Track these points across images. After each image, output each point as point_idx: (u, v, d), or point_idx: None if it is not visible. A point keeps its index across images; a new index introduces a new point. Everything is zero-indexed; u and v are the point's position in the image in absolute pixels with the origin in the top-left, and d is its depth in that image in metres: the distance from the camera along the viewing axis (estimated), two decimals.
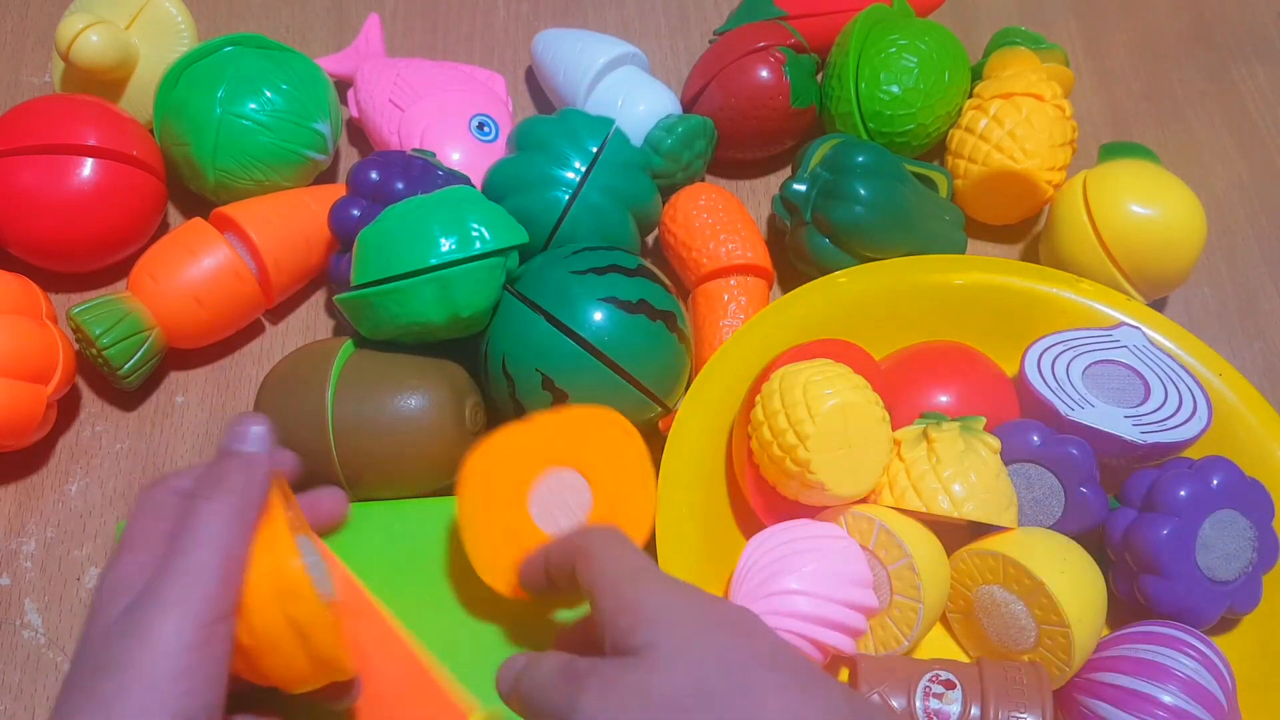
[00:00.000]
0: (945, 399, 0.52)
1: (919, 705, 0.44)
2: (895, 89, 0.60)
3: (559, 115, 0.56)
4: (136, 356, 0.53)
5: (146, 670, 0.33)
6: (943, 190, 0.61)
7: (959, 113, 0.62)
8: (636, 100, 0.61)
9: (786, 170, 0.66)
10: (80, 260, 0.58)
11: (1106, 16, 0.75)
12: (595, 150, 0.54)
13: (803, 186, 0.57)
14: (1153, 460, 0.51)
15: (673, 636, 0.33)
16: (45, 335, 0.51)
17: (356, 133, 0.67)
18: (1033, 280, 0.57)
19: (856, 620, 0.46)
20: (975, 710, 0.44)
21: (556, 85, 0.64)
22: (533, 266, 0.51)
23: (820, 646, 0.45)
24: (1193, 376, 0.52)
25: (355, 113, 0.64)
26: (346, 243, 0.54)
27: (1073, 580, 0.46)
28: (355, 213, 0.54)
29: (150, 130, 0.59)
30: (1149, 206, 0.56)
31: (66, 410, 0.56)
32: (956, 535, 0.50)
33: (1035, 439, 0.49)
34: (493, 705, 0.40)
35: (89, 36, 0.56)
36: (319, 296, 0.61)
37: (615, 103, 0.61)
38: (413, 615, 0.43)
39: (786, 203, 0.58)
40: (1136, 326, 0.55)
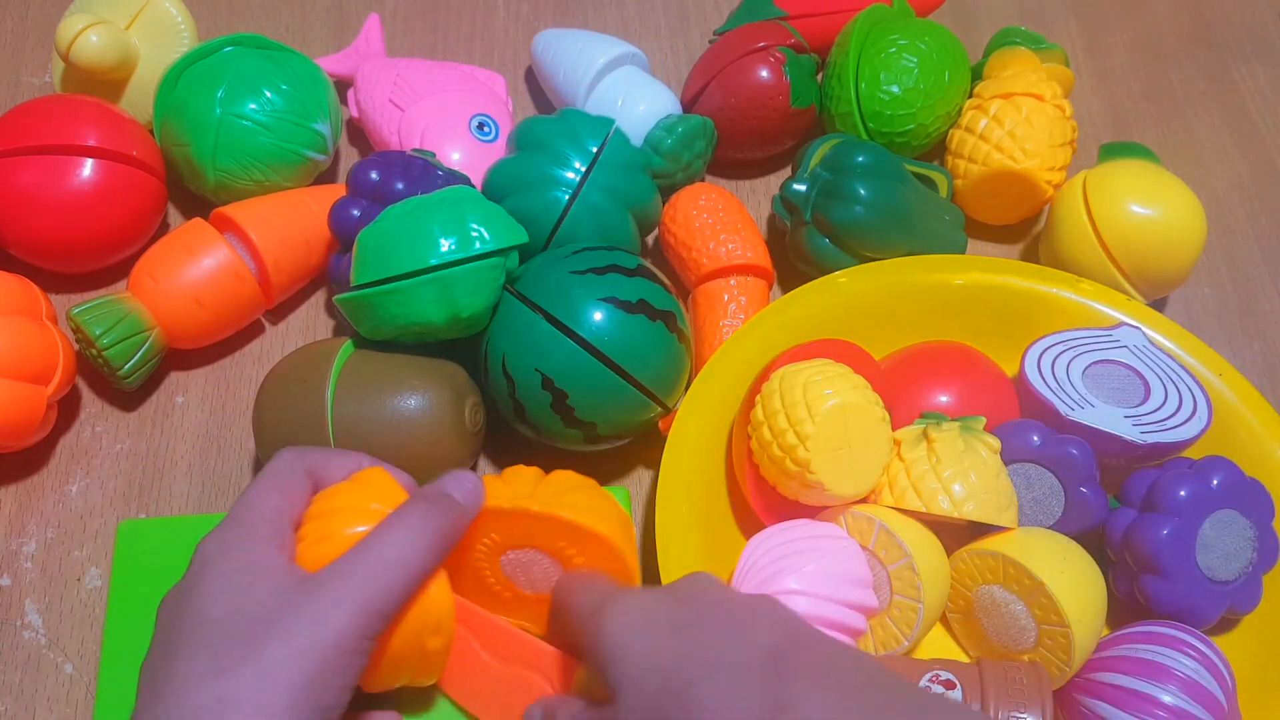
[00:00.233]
0: (945, 399, 0.52)
1: None
2: (895, 89, 0.60)
3: (559, 115, 0.56)
4: (136, 357, 0.53)
5: (309, 649, 0.34)
6: (943, 190, 0.61)
7: (959, 113, 0.62)
8: (636, 100, 0.61)
9: (786, 170, 0.66)
10: (80, 260, 0.58)
11: (1106, 16, 0.75)
12: (595, 150, 0.54)
13: (803, 186, 0.57)
14: (1153, 460, 0.51)
15: (629, 671, 0.34)
16: (45, 336, 0.51)
17: (356, 133, 0.67)
18: (1033, 280, 0.57)
19: (856, 620, 0.46)
20: (975, 710, 0.44)
21: (556, 85, 0.64)
22: (532, 266, 0.51)
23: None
24: (1193, 376, 0.52)
25: (355, 113, 0.64)
26: (346, 243, 0.54)
27: (1073, 580, 0.46)
28: (355, 213, 0.54)
29: (150, 130, 0.60)
30: (1149, 206, 0.56)
31: (67, 411, 0.56)
32: (956, 535, 0.50)
33: (1035, 439, 0.49)
34: None
35: (89, 36, 0.56)
36: (319, 296, 0.61)
37: (615, 103, 0.61)
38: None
39: (786, 203, 0.58)
40: (1136, 326, 0.55)
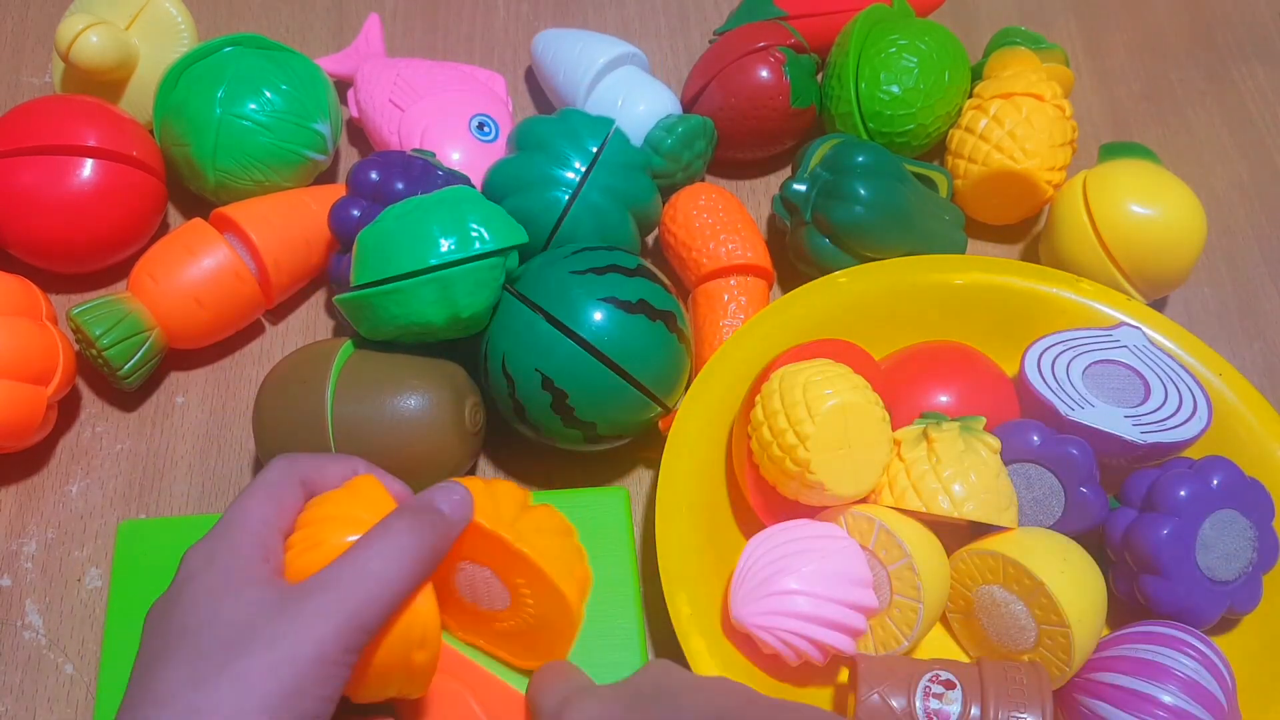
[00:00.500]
0: (945, 399, 0.52)
1: (919, 705, 0.44)
2: (895, 89, 0.60)
3: (559, 115, 0.56)
4: (136, 357, 0.53)
5: (289, 660, 0.34)
6: (943, 190, 0.61)
7: (959, 113, 0.62)
8: (636, 100, 0.61)
9: (786, 170, 0.66)
10: (80, 260, 0.58)
11: (1106, 16, 0.75)
12: (595, 150, 0.54)
13: (803, 186, 0.57)
14: (1153, 460, 0.51)
15: None
16: (45, 336, 0.51)
17: (356, 133, 0.67)
18: (1033, 280, 0.57)
19: (856, 620, 0.46)
20: (975, 710, 0.44)
21: (556, 85, 0.64)
22: (532, 266, 0.51)
23: (820, 646, 0.46)
24: (1193, 376, 0.52)
25: (355, 113, 0.64)
26: (346, 243, 0.54)
27: (1073, 580, 0.46)
28: (355, 213, 0.54)
29: (150, 130, 0.60)
30: (1149, 206, 0.56)
31: (67, 411, 0.56)
32: (956, 535, 0.50)
33: (1035, 439, 0.49)
34: None
35: (89, 37, 0.56)
36: (319, 296, 0.61)
37: (615, 103, 0.61)
38: None
39: (786, 203, 0.58)
40: (1136, 326, 0.55)
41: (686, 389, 0.52)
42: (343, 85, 0.66)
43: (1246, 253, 0.65)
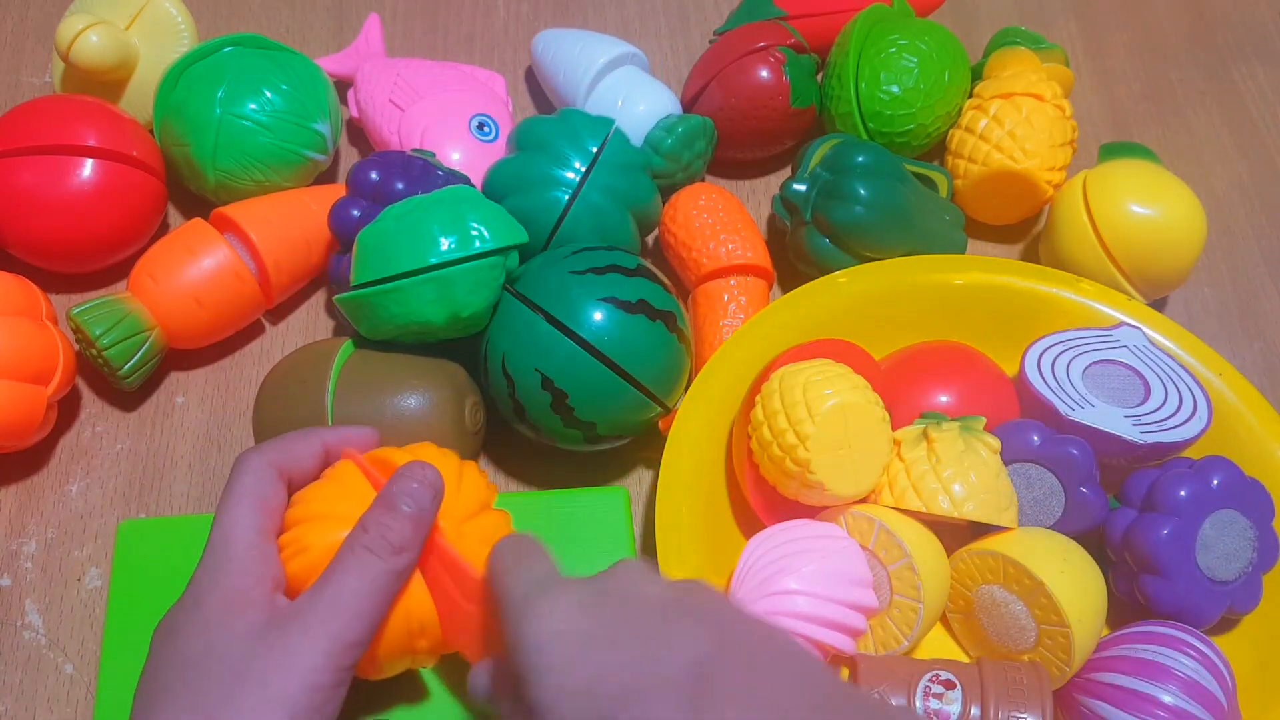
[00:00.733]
0: (945, 399, 0.52)
1: (919, 705, 0.44)
2: (895, 89, 0.60)
3: (559, 115, 0.56)
4: (136, 357, 0.53)
5: (283, 694, 0.35)
6: (943, 190, 0.61)
7: (959, 113, 0.62)
8: (636, 100, 0.61)
9: (786, 170, 0.66)
10: (80, 260, 0.58)
11: (1106, 16, 0.75)
12: (595, 150, 0.54)
13: (803, 186, 0.57)
14: (1153, 460, 0.51)
15: (544, 696, 0.31)
16: (45, 336, 0.51)
17: (356, 133, 0.67)
18: (1033, 280, 0.57)
19: (856, 620, 0.46)
20: (975, 710, 0.44)
21: (556, 85, 0.64)
22: (532, 266, 0.51)
23: (820, 646, 0.46)
24: (1193, 376, 0.52)
25: (355, 113, 0.64)
26: (346, 243, 0.54)
27: (1073, 580, 0.46)
28: (355, 213, 0.54)
29: (150, 130, 0.59)
30: (1149, 206, 0.56)
31: (67, 411, 0.56)
32: (956, 535, 0.50)
33: (1035, 439, 0.49)
34: None
35: (89, 37, 0.56)
36: (319, 296, 0.61)
37: (615, 103, 0.61)
38: None
39: (786, 203, 0.58)
40: (1136, 326, 0.55)
41: (686, 389, 0.52)
42: (343, 85, 0.66)
43: (1246, 253, 0.65)
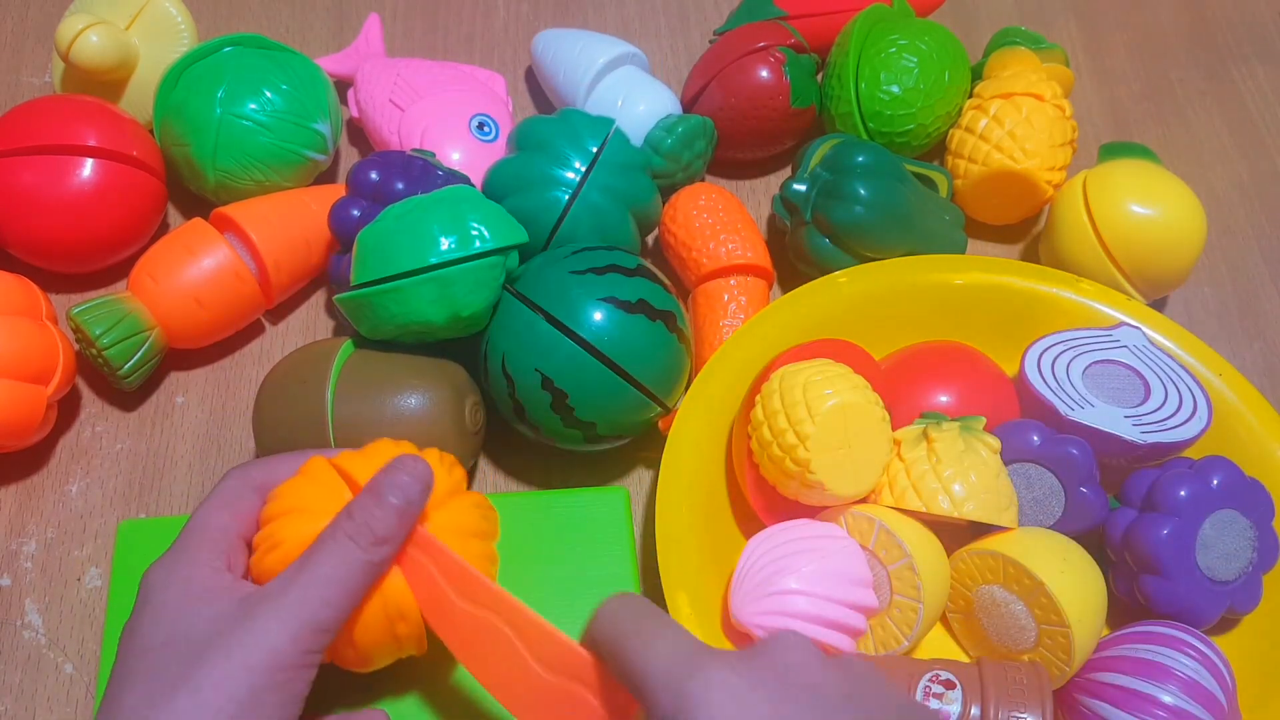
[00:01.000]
0: (945, 399, 0.52)
1: None
2: (895, 89, 0.60)
3: (559, 115, 0.56)
4: (136, 357, 0.53)
5: (244, 668, 0.34)
6: (943, 190, 0.61)
7: (959, 113, 0.62)
8: (636, 100, 0.61)
9: (786, 170, 0.66)
10: (80, 260, 0.58)
11: (1106, 16, 0.75)
12: (595, 150, 0.54)
13: (803, 186, 0.57)
14: (1153, 460, 0.51)
15: None
16: (45, 336, 0.51)
17: (356, 133, 0.67)
18: (1033, 280, 0.57)
19: (856, 620, 0.46)
20: (975, 710, 0.44)
21: (556, 85, 0.64)
22: (532, 266, 0.51)
23: (820, 646, 0.45)
24: (1193, 376, 0.52)
25: (355, 113, 0.64)
26: (346, 243, 0.54)
27: (1073, 580, 0.46)
28: (355, 213, 0.54)
29: (150, 130, 0.60)
30: (1149, 206, 0.56)
31: (66, 411, 0.56)
32: (956, 535, 0.50)
33: (1035, 439, 0.50)
34: None
35: (89, 37, 0.56)
36: (319, 296, 0.61)
37: (615, 103, 0.61)
38: None
39: (786, 203, 0.58)
40: (1136, 326, 0.55)
41: (686, 389, 0.52)
42: (343, 85, 0.66)
43: (1246, 253, 0.65)
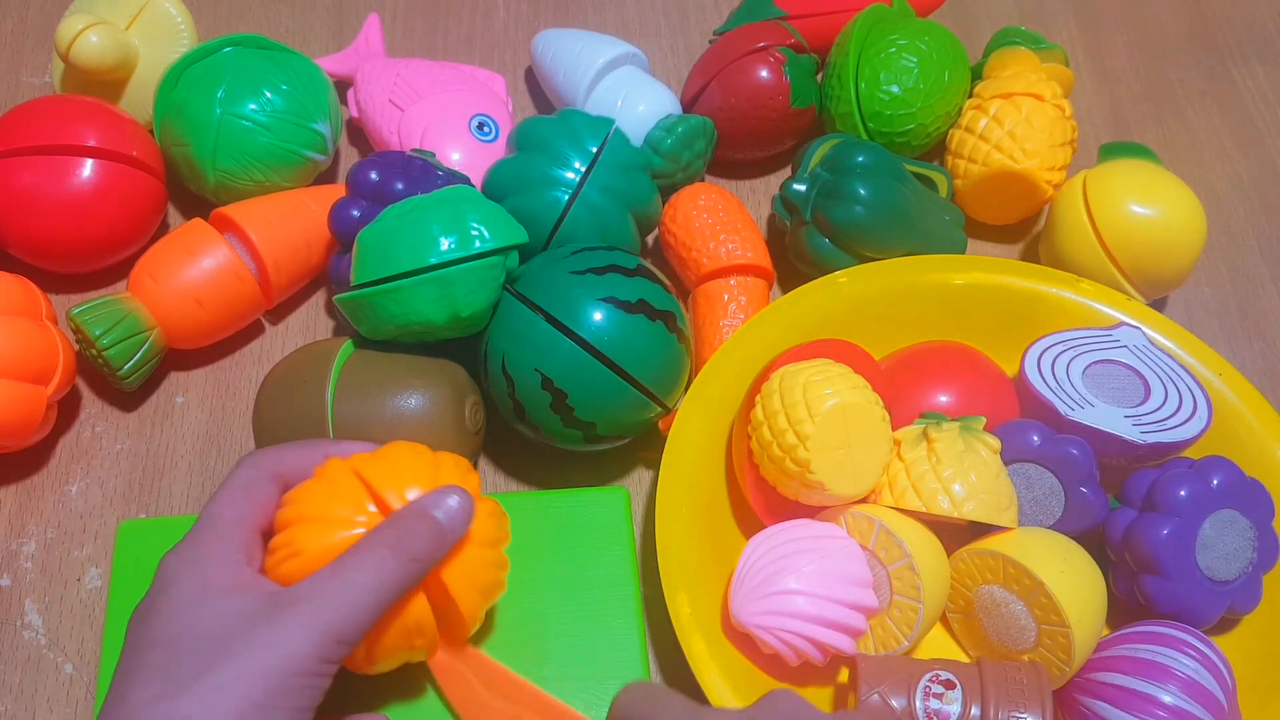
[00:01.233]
0: (945, 399, 0.52)
1: (919, 705, 0.44)
2: (895, 89, 0.60)
3: (559, 115, 0.56)
4: (136, 357, 0.53)
5: (263, 670, 0.34)
6: (943, 190, 0.61)
7: (959, 113, 0.62)
8: (636, 100, 0.61)
9: (786, 170, 0.66)
10: (80, 260, 0.58)
11: (1106, 16, 0.75)
12: (595, 150, 0.54)
13: (803, 186, 0.57)
14: (1153, 460, 0.51)
15: None
16: (45, 336, 0.51)
17: (356, 133, 0.67)
18: (1033, 280, 0.57)
19: (856, 620, 0.46)
20: (975, 710, 0.44)
21: (556, 85, 0.64)
22: (532, 266, 0.51)
23: (820, 646, 0.46)
24: (1193, 376, 0.52)
25: (355, 113, 0.64)
26: (346, 243, 0.54)
27: (1073, 580, 0.46)
28: (355, 213, 0.54)
29: (150, 130, 0.60)
30: (1149, 206, 0.56)
31: (66, 411, 0.56)
32: (956, 535, 0.50)
33: (1035, 439, 0.50)
34: None
35: (89, 37, 0.56)
36: (319, 296, 0.61)
37: (615, 103, 0.61)
38: None
39: (786, 203, 0.58)
40: (1136, 326, 0.55)
41: (686, 389, 0.52)
42: (343, 85, 0.66)
43: (1246, 253, 0.65)
